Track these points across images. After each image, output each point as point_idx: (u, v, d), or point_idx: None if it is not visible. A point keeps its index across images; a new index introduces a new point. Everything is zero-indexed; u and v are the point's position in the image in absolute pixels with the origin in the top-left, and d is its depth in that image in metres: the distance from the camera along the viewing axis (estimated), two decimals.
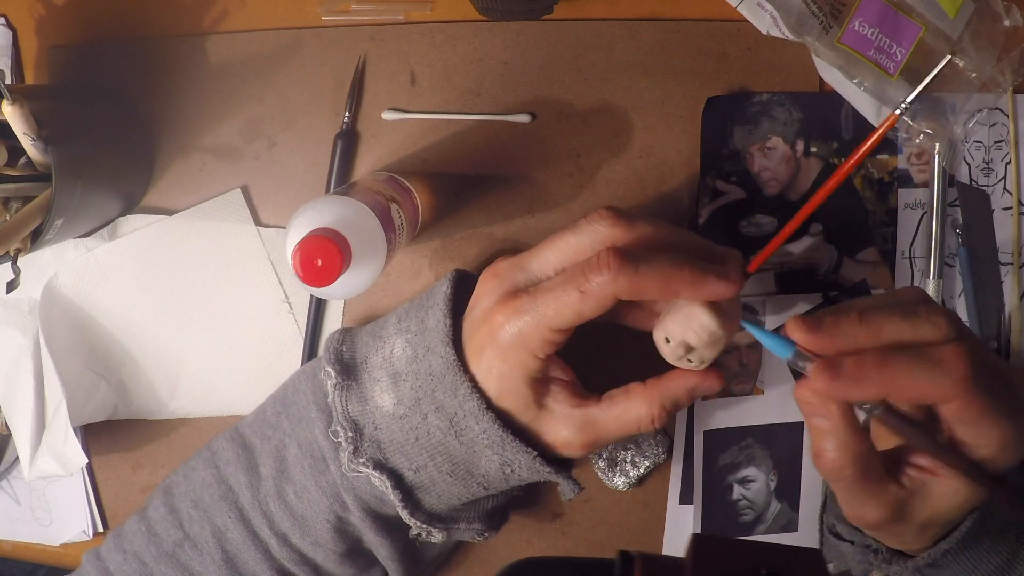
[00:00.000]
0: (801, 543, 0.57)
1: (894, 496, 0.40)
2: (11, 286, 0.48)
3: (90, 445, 0.58)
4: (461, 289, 0.47)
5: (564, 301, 0.40)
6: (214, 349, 0.57)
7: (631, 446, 0.55)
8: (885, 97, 0.52)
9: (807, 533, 0.57)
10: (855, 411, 0.39)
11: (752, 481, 0.57)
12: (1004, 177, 0.56)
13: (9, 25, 0.56)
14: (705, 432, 0.56)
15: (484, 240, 0.55)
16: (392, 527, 0.48)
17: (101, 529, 0.59)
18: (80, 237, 0.55)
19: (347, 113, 0.54)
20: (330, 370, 0.46)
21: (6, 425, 0.57)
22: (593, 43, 0.54)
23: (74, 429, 0.51)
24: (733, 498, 0.57)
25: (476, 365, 0.43)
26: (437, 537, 0.48)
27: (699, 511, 0.56)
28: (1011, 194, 0.56)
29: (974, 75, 0.52)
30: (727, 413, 0.56)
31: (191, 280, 0.56)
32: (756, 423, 0.56)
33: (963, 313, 0.56)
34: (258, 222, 0.56)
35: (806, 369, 0.38)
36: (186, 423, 0.58)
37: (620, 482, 0.56)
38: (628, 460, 0.55)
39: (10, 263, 0.47)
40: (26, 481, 0.58)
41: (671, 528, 0.57)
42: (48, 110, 0.47)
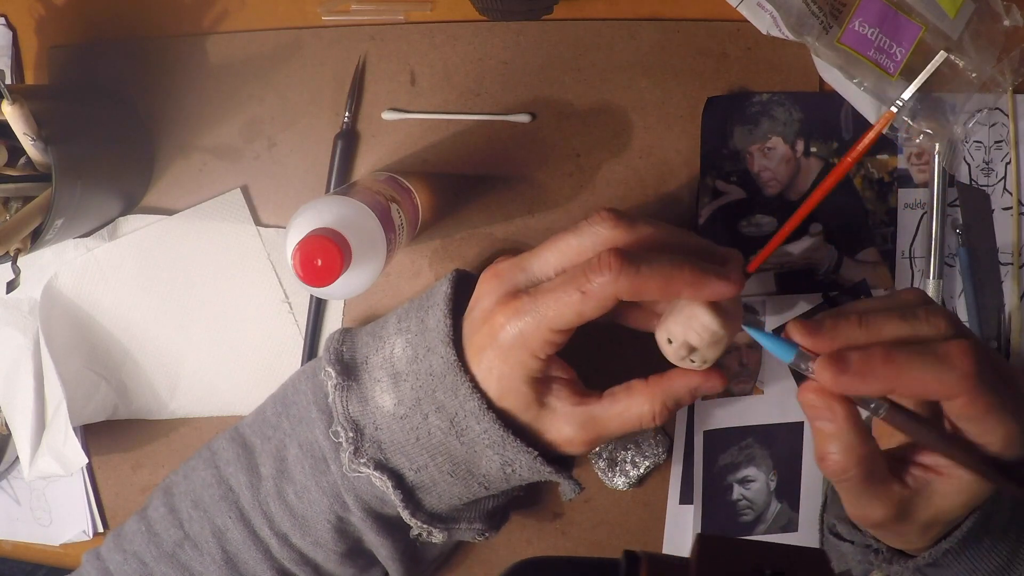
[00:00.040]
0: (801, 543, 0.57)
1: (898, 495, 0.40)
2: (11, 286, 0.48)
3: (90, 445, 0.58)
4: (461, 289, 0.47)
5: (565, 302, 0.40)
6: (214, 349, 0.57)
7: (631, 446, 0.55)
8: (885, 97, 0.52)
9: (807, 533, 0.57)
10: (859, 412, 0.39)
11: (752, 481, 0.57)
12: (1004, 177, 0.56)
13: (9, 25, 0.56)
14: (705, 432, 0.56)
15: (484, 240, 0.55)
16: (393, 527, 0.48)
17: (101, 529, 0.59)
18: (80, 237, 0.55)
19: (347, 113, 0.54)
20: (330, 370, 0.46)
21: (6, 425, 0.57)
22: (593, 43, 0.54)
23: (74, 429, 0.51)
24: (733, 498, 0.57)
25: (476, 365, 0.43)
26: (438, 537, 0.48)
27: (699, 511, 0.56)
28: (1011, 194, 0.56)
29: (974, 75, 0.52)
30: (727, 413, 0.56)
31: (191, 280, 0.56)
32: (756, 423, 0.56)
33: (963, 313, 0.56)
34: (258, 222, 0.56)
35: (809, 371, 0.38)
36: (186, 423, 0.58)
37: (620, 482, 0.56)
38: (628, 460, 0.55)
39: (10, 263, 0.47)
40: (26, 481, 0.58)
41: (671, 528, 0.57)
42: (48, 110, 0.47)
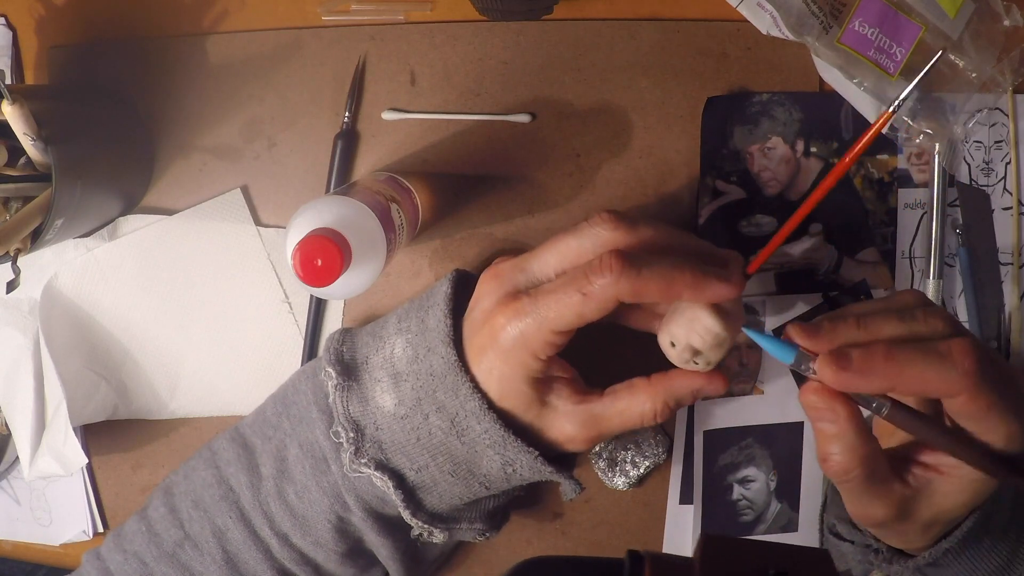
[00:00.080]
0: (801, 543, 0.57)
1: (899, 495, 0.40)
2: (11, 286, 0.48)
3: (90, 445, 0.58)
4: (461, 289, 0.47)
5: (566, 303, 0.40)
6: (214, 349, 0.57)
7: (631, 446, 0.55)
8: (885, 97, 0.52)
9: (807, 533, 0.57)
10: (861, 413, 0.39)
11: (752, 481, 0.57)
12: (1004, 177, 0.56)
13: (9, 25, 0.56)
14: (705, 432, 0.56)
15: (484, 240, 0.55)
16: (393, 527, 0.48)
17: (101, 529, 0.59)
18: (80, 237, 0.55)
19: (347, 113, 0.54)
20: (331, 371, 0.46)
21: (6, 425, 0.57)
22: (593, 43, 0.54)
23: (74, 429, 0.51)
24: (733, 498, 0.57)
25: (477, 366, 0.43)
26: (439, 537, 0.48)
27: (699, 511, 0.56)
28: (1011, 194, 0.56)
29: (974, 75, 0.52)
30: (727, 413, 0.56)
31: (191, 280, 0.56)
32: (756, 423, 0.56)
33: (963, 313, 0.56)
34: (258, 222, 0.56)
35: (810, 371, 0.38)
36: (186, 423, 0.58)
37: (620, 482, 0.56)
38: (628, 460, 0.55)
39: (10, 263, 0.47)
40: (26, 481, 0.58)
41: (671, 528, 0.57)
42: (48, 110, 0.47)
